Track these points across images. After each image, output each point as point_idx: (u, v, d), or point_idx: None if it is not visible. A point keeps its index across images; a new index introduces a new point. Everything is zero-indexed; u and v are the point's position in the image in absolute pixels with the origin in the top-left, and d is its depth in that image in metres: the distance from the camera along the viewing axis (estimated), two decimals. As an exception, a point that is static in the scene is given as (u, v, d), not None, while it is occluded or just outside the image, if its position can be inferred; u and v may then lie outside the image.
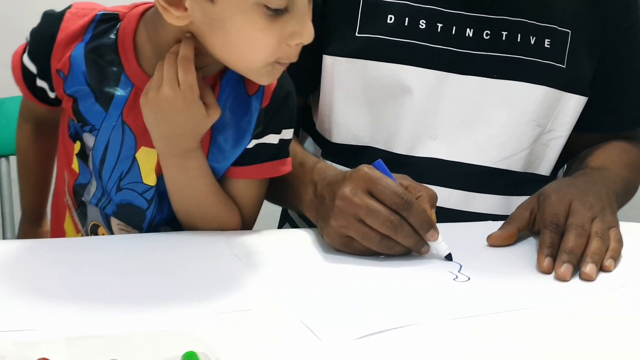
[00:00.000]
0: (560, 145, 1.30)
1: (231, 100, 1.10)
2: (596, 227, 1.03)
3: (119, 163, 1.12)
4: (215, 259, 1.02)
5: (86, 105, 1.10)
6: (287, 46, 1.01)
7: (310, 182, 1.11)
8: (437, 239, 1.01)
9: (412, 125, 1.24)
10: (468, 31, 1.22)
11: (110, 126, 1.09)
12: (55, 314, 0.84)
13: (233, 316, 0.86)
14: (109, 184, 1.14)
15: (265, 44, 1.00)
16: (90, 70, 1.08)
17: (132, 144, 1.10)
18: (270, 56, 1.01)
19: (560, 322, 0.88)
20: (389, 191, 0.99)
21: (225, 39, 1.01)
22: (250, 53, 1.01)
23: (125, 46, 1.08)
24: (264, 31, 0.99)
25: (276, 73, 1.05)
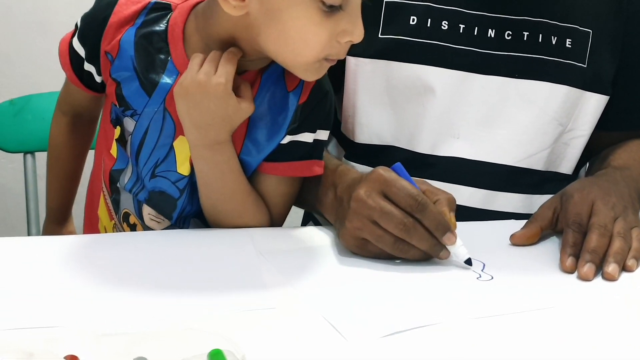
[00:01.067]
0: (582, 144, 1.30)
1: (269, 95, 1.11)
2: (618, 227, 1.04)
3: (156, 149, 1.13)
4: (240, 256, 1.02)
5: (130, 90, 1.12)
6: (338, 43, 1.03)
7: (331, 185, 1.11)
8: (454, 242, 0.99)
9: (434, 125, 1.24)
10: (490, 32, 1.23)
11: (151, 112, 1.11)
12: (82, 311, 0.85)
13: (258, 314, 0.87)
14: (144, 170, 1.15)
15: (318, 38, 1.02)
16: (138, 55, 1.11)
17: (171, 131, 1.12)
18: (320, 51, 1.03)
19: (583, 321, 0.88)
20: (403, 193, 0.98)
21: (280, 30, 1.02)
22: (302, 46, 1.03)
23: (174, 35, 1.10)
24: (318, 26, 1.01)
25: (322, 70, 1.07)
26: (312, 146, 1.14)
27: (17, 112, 1.68)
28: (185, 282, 0.94)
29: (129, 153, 1.15)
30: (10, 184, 2.30)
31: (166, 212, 1.18)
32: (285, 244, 1.08)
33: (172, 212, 1.17)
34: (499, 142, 1.25)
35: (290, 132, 1.12)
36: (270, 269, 0.99)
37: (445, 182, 1.23)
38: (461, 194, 1.23)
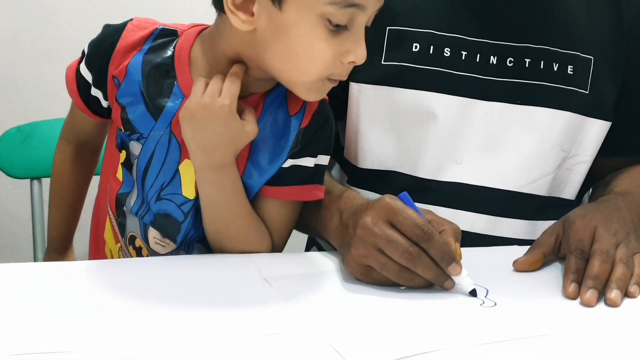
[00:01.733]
0: (584, 169, 1.31)
1: (272, 118, 1.13)
2: (621, 253, 1.04)
3: (162, 173, 1.15)
4: (245, 282, 1.03)
5: (136, 114, 1.14)
6: (341, 63, 1.05)
7: (336, 210, 1.12)
8: (459, 272, 0.99)
9: (437, 150, 1.25)
10: (492, 59, 1.24)
11: (158, 135, 1.13)
12: (87, 336, 0.85)
13: (263, 339, 0.87)
14: (150, 193, 1.17)
15: (323, 56, 1.04)
16: (145, 79, 1.13)
17: (176, 154, 1.13)
18: (324, 70, 1.05)
19: (585, 348, 0.88)
20: (409, 222, 0.98)
21: (286, 47, 1.05)
22: (307, 64, 1.05)
23: (181, 59, 1.12)
24: (324, 44, 1.03)
25: (324, 90, 1.09)
26: (313, 171, 1.16)
27: (24, 139, 1.70)
28: (190, 307, 0.94)
29: (135, 176, 1.17)
30: (16, 210, 2.31)
31: (171, 235, 1.19)
32: (289, 269, 1.08)
33: (177, 236, 1.19)
34: (502, 168, 1.26)
35: (292, 156, 1.14)
36: (274, 295, 0.99)
37: (447, 207, 1.24)
38: (463, 220, 1.24)
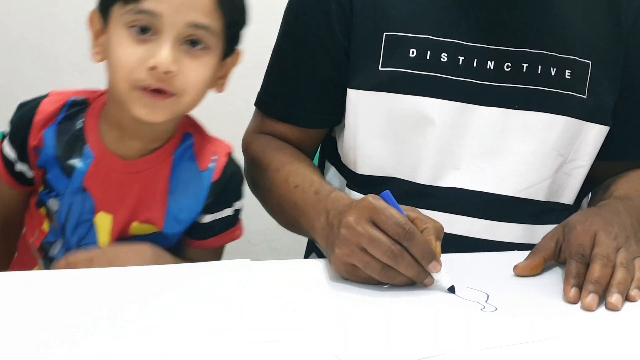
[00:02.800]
0: (582, 174, 1.31)
1: (184, 173, 1.26)
2: (621, 257, 1.04)
3: (79, 227, 1.26)
4: (243, 289, 1.03)
5: (53, 174, 1.25)
6: (145, 70, 1.14)
7: (323, 210, 1.13)
8: (439, 270, 1.01)
9: (435, 156, 1.25)
10: (489, 64, 1.24)
11: (72, 191, 1.25)
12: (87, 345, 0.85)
13: (262, 347, 0.86)
14: (71, 241, 1.27)
15: (126, 61, 1.14)
16: (58, 145, 1.25)
17: (90, 208, 1.25)
18: (128, 75, 1.14)
19: (586, 352, 0.88)
20: (391, 221, 1.00)
21: (108, 63, 1.19)
22: (115, 71, 1.17)
23: (89, 125, 1.25)
24: (128, 50, 1.14)
25: (144, 102, 1.15)
26: (232, 217, 1.28)
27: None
28: (189, 315, 0.94)
29: (57, 225, 1.27)
30: None
31: None
32: (288, 276, 1.08)
33: None
34: (500, 173, 1.26)
35: (209, 211, 1.26)
36: (273, 302, 0.99)
37: (445, 212, 1.24)
38: (462, 225, 1.24)
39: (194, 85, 1.18)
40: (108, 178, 1.24)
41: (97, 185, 1.24)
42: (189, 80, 1.17)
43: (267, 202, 1.34)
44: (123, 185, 1.24)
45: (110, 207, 1.24)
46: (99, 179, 1.23)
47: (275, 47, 1.35)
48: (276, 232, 2.16)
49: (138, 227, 1.25)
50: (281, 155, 1.30)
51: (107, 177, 1.24)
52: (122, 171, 1.24)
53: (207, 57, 1.18)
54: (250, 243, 2.16)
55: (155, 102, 1.15)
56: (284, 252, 2.12)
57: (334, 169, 1.38)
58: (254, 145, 1.35)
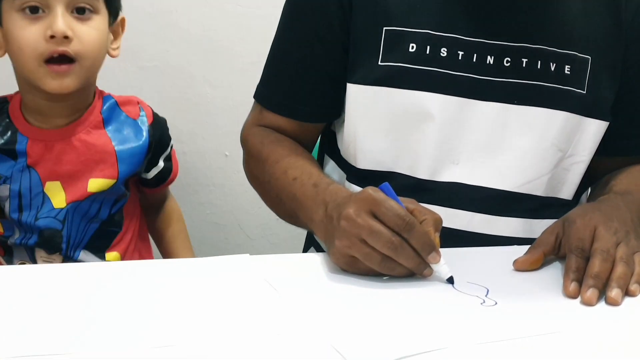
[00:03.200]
0: (581, 169, 1.31)
1: (119, 125, 1.48)
2: (621, 252, 1.04)
3: (33, 200, 1.42)
4: (244, 283, 1.03)
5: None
6: (45, 41, 1.32)
7: (322, 203, 1.13)
8: (438, 261, 1.02)
9: (434, 151, 1.25)
10: (489, 59, 1.24)
11: (18, 172, 1.42)
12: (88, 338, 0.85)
13: (263, 340, 0.87)
14: (29, 218, 1.43)
15: (26, 39, 1.33)
16: None
17: (37, 182, 1.42)
18: (33, 51, 1.33)
19: (586, 346, 0.89)
20: (391, 213, 1.00)
21: (11, 49, 1.37)
22: (19, 52, 1.35)
23: (14, 113, 1.44)
24: (25, 30, 1.33)
25: (56, 78, 1.35)
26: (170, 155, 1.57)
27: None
28: (190, 308, 0.94)
29: (9, 215, 1.43)
30: None
31: (56, 245, 1.45)
32: (289, 270, 1.08)
33: (60, 244, 1.45)
34: (499, 168, 1.26)
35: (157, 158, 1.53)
36: (274, 295, 0.99)
37: (444, 206, 1.23)
38: (460, 219, 1.24)
39: (91, 46, 1.38)
40: (47, 150, 1.42)
41: (39, 159, 1.42)
42: (85, 42, 1.36)
43: (266, 195, 1.34)
44: (62, 152, 1.42)
45: (54, 175, 1.42)
46: (39, 153, 1.42)
47: (274, 41, 1.35)
48: (275, 227, 2.17)
49: (95, 182, 1.44)
50: (280, 148, 1.30)
51: (45, 149, 1.42)
52: (57, 139, 1.42)
53: (96, 21, 1.38)
54: (249, 238, 2.16)
55: (62, 72, 1.34)
56: (283, 247, 2.12)
57: (333, 163, 1.38)
58: (252, 138, 1.35)
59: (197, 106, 2.06)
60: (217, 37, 2.04)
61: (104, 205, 1.48)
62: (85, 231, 1.47)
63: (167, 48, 2.01)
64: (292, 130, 1.34)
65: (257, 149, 1.34)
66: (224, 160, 2.11)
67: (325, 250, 1.20)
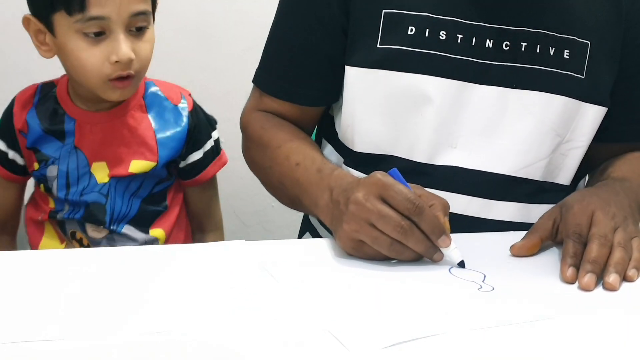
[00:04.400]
0: (579, 155, 1.30)
1: (161, 110, 1.51)
2: (619, 237, 1.04)
3: (80, 180, 1.48)
4: (240, 268, 1.02)
5: (46, 145, 1.48)
6: (110, 65, 1.37)
7: (327, 188, 1.13)
8: (449, 245, 1.02)
9: (432, 135, 1.25)
10: (488, 42, 1.23)
11: (66, 153, 1.47)
12: (85, 324, 0.85)
13: (259, 325, 0.86)
14: (75, 195, 1.48)
15: (91, 62, 1.37)
16: (42, 121, 1.48)
17: (84, 162, 1.48)
18: (98, 73, 1.37)
19: (584, 332, 0.88)
20: (400, 197, 1.00)
21: (69, 62, 1.40)
22: (83, 71, 1.38)
23: (62, 96, 1.49)
24: (87, 53, 1.36)
25: (118, 89, 1.40)
26: (215, 146, 1.58)
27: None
28: (187, 294, 0.94)
29: (56, 193, 1.48)
30: None
31: (100, 218, 1.49)
32: (285, 255, 1.08)
33: (104, 217, 1.49)
34: (497, 152, 1.25)
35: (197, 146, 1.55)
36: (270, 281, 0.98)
37: (442, 190, 1.22)
38: (458, 203, 1.24)
39: (148, 61, 1.43)
40: (93, 132, 1.47)
41: (86, 141, 1.47)
42: (144, 59, 1.42)
43: (268, 181, 1.33)
44: (107, 134, 1.47)
45: (100, 156, 1.47)
46: (86, 135, 1.47)
47: (273, 25, 1.34)
48: (270, 214, 2.17)
49: (137, 164, 1.48)
50: (281, 133, 1.29)
51: (91, 131, 1.47)
52: (102, 122, 1.47)
53: (149, 33, 1.42)
54: (244, 225, 2.16)
55: (125, 86, 1.40)
56: (278, 234, 2.11)
57: (331, 147, 1.37)
58: (253, 123, 1.34)
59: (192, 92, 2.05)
60: (212, 22, 2.03)
61: (145, 184, 1.51)
62: (129, 206, 1.51)
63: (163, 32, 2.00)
64: (292, 114, 1.33)
65: (257, 134, 1.33)
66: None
67: (322, 235, 1.20)
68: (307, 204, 1.19)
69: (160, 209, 1.56)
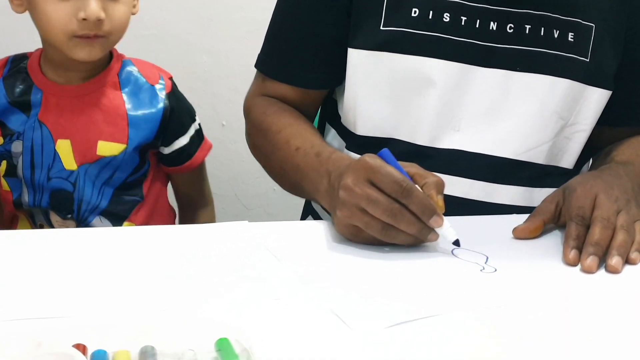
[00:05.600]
0: (583, 138, 1.30)
1: (136, 89, 1.44)
2: (622, 220, 1.04)
3: (44, 157, 1.41)
4: (244, 249, 1.02)
5: (11, 118, 1.42)
6: (77, 21, 1.31)
7: (325, 173, 1.12)
8: (441, 225, 1.00)
9: (435, 117, 1.24)
10: (492, 24, 1.23)
11: (30, 127, 1.41)
12: (91, 301, 0.85)
13: (263, 305, 0.87)
14: (41, 178, 1.42)
15: (56, 17, 1.32)
16: (8, 91, 1.42)
17: (49, 138, 1.41)
18: (63, 28, 1.32)
19: (585, 314, 0.89)
20: (388, 179, 0.99)
21: (36, 17, 1.35)
22: (48, 26, 1.33)
23: (33, 67, 1.43)
24: (53, 7, 1.31)
25: (85, 47, 1.34)
26: (199, 130, 1.52)
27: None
28: (192, 273, 0.94)
29: (22, 172, 1.43)
30: None
31: (67, 208, 1.44)
32: (287, 237, 1.08)
33: (72, 206, 1.44)
34: (500, 135, 1.25)
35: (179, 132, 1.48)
36: (274, 261, 0.99)
37: (444, 174, 1.22)
38: (460, 186, 1.24)
39: (121, 23, 1.37)
40: (59, 106, 1.41)
41: (50, 115, 1.41)
42: (116, 22, 1.35)
43: (269, 166, 1.32)
44: (74, 110, 1.41)
45: (65, 133, 1.41)
46: (51, 109, 1.41)
47: (276, 8, 1.33)
48: (271, 197, 2.17)
49: (105, 146, 1.41)
50: (282, 118, 1.28)
51: (58, 105, 1.41)
52: (70, 96, 1.41)
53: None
54: (246, 208, 2.16)
55: (91, 43, 1.34)
56: (280, 217, 2.11)
57: (334, 131, 1.37)
58: (255, 108, 1.33)
59: (194, 75, 2.05)
60: (215, 5, 2.03)
61: (118, 172, 1.44)
62: (100, 196, 1.45)
63: (165, 16, 2.00)
64: (296, 98, 1.32)
65: (259, 119, 1.32)
66: (220, 130, 2.10)
67: (325, 219, 1.20)
68: (308, 190, 1.18)
69: (137, 199, 1.48)
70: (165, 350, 0.72)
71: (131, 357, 0.72)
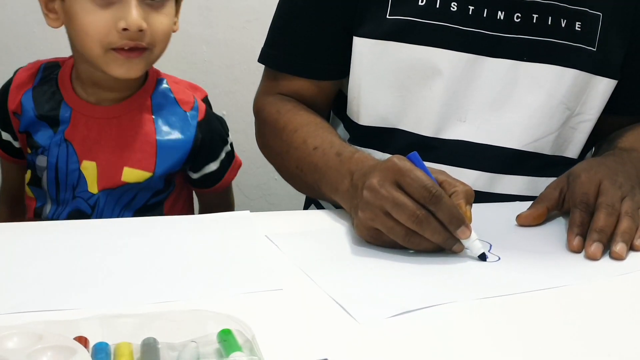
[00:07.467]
0: (588, 128, 1.29)
1: (168, 115, 1.35)
2: (626, 206, 1.03)
3: (69, 176, 1.35)
4: (246, 239, 1.02)
5: (38, 132, 1.35)
6: (117, 32, 1.22)
7: (347, 172, 1.08)
8: (468, 236, 0.96)
9: (441, 108, 1.23)
10: (499, 14, 1.21)
11: (56, 144, 1.34)
12: (92, 293, 0.85)
13: (266, 295, 0.86)
14: (66, 195, 1.35)
15: (95, 27, 1.23)
16: (38, 107, 1.35)
17: (74, 158, 1.34)
18: (100, 40, 1.23)
19: (590, 301, 0.88)
20: (417, 184, 0.95)
21: (73, 28, 1.27)
22: (85, 37, 1.24)
23: (63, 81, 1.35)
24: (93, 16, 1.22)
25: (123, 64, 1.25)
26: (231, 151, 1.42)
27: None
28: (194, 265, 0.93)
29: (46, 187, 1.36)
30: None
31: None
32: (290, 226, 1.07)
33: None
34: (506, 126, 1.24)
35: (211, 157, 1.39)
36: (277, 251, 0.98)
37: (449, 165, 1.22)
38: (466, 177, 1.22)
39: (163, 36, 1.28)
40: (87, 127, 1.33)
41: (78, 134, 1.33)
42: (158, 33, 1.27)
43: (283, 166, 1.28)
44: (102, 132, 1.33)
45: (91, 155, 1.33)
46: (78, 128, 1.33)
47: (281, 1, 1.31)
48: (273, 187, 2.16)
49: (130, 172, 1.33)
50: (298, 117, 1.25)
51: (86, 125, 1.33)
52: (99, 117, 1.33)
53: (167, 7, 1.28)
54: (248, 198, 2.15)
55: (130, 59, 1.25)
56: (281, 207, 2.11)
57: (341, 124, 1.35)
58: (268, 107, 1.30)
59: (193, 65, 2.04)
60: (213, -5, 2.02)
61: (139, 195, 1.37)
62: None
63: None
64: (309, 91, 1.30)
65: (273, 118, 1.28)
66: (221, 120, 2.09)
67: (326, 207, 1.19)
68: (327, 190, 1.14)
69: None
70: (167, 342, 0.72)
71: (133, 349, 0.71)
